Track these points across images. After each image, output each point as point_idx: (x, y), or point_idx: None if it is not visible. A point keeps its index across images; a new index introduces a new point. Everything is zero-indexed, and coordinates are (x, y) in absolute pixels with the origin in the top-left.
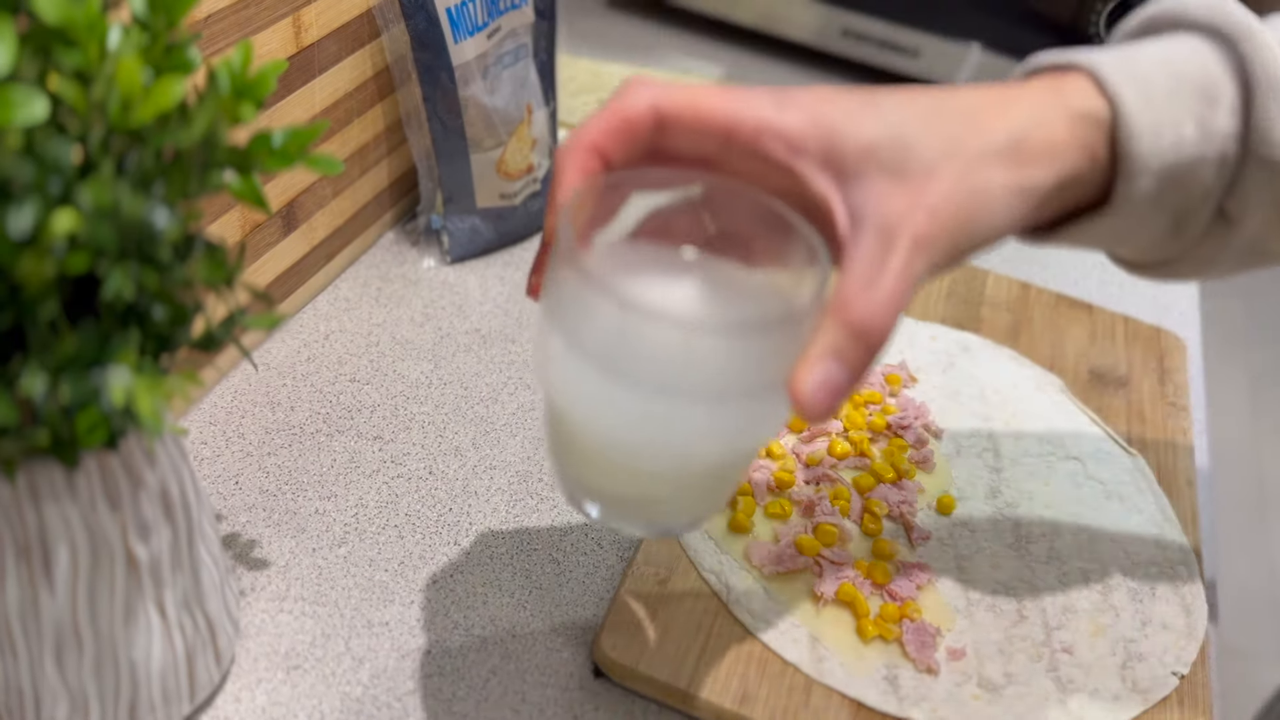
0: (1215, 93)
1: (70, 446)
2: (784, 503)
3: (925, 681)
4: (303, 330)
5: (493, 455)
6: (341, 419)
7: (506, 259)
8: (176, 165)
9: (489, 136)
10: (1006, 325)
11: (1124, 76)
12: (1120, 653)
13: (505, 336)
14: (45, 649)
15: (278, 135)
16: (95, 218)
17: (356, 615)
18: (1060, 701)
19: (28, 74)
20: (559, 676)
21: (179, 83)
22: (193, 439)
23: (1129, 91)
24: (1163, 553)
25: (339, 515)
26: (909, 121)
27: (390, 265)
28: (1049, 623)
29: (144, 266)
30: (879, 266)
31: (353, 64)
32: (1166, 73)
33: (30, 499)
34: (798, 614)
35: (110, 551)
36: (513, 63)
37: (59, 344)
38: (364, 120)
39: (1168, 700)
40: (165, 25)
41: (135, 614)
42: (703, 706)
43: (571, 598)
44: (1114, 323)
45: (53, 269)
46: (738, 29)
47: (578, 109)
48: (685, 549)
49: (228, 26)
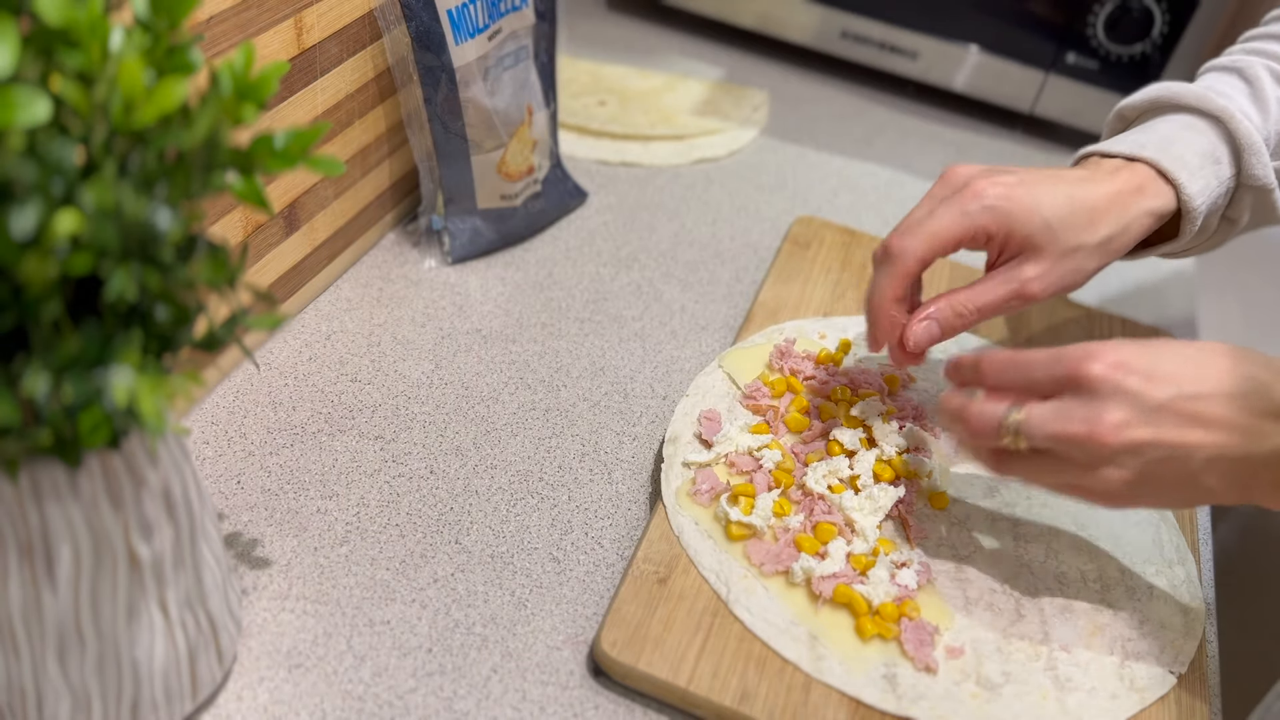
0: (1219, 155)
1: (73, 446)
2: (784, 502)
3: (924, 680)
4: (304, 330)
5: (493, 455)
6: (343, 419)
7: (507, 259)
8: (179, 166)
9: (490, 138)
10: (1005, 326)
11: (1178, 166)
12: (1118, 652)
13: (506, 337)
14: (48, 648)
15: (280, 136)
16: (98, 218)
17: (358, 614)
18: (1058, 700)
19: (30, 75)
20: (559, 676)
21: (181, 84)
22: (195, 438)
23: (1184, 176)
24: (1160, 552)
25: (340, 514)
26: (1056, 216)
27: (391, 266)
28: (1047, 621)
29: (146, 267)
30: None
31: (354, 65)
32: (1194, 152)
33: (33, 498)
34: (797, 612)
35: (113, 551)
36: (513, 64)
37: (62, 344)
38: (365, 121)
39: (1165, 699)
40: (167, 27)
41: (138, 613)
42: (702, 704)
43: (571, 597)
44: (1112, 323)
45: (55, 269)
46: (737, 30)
47: (578, 110)
48: (685, 548)
49: (229, 28)
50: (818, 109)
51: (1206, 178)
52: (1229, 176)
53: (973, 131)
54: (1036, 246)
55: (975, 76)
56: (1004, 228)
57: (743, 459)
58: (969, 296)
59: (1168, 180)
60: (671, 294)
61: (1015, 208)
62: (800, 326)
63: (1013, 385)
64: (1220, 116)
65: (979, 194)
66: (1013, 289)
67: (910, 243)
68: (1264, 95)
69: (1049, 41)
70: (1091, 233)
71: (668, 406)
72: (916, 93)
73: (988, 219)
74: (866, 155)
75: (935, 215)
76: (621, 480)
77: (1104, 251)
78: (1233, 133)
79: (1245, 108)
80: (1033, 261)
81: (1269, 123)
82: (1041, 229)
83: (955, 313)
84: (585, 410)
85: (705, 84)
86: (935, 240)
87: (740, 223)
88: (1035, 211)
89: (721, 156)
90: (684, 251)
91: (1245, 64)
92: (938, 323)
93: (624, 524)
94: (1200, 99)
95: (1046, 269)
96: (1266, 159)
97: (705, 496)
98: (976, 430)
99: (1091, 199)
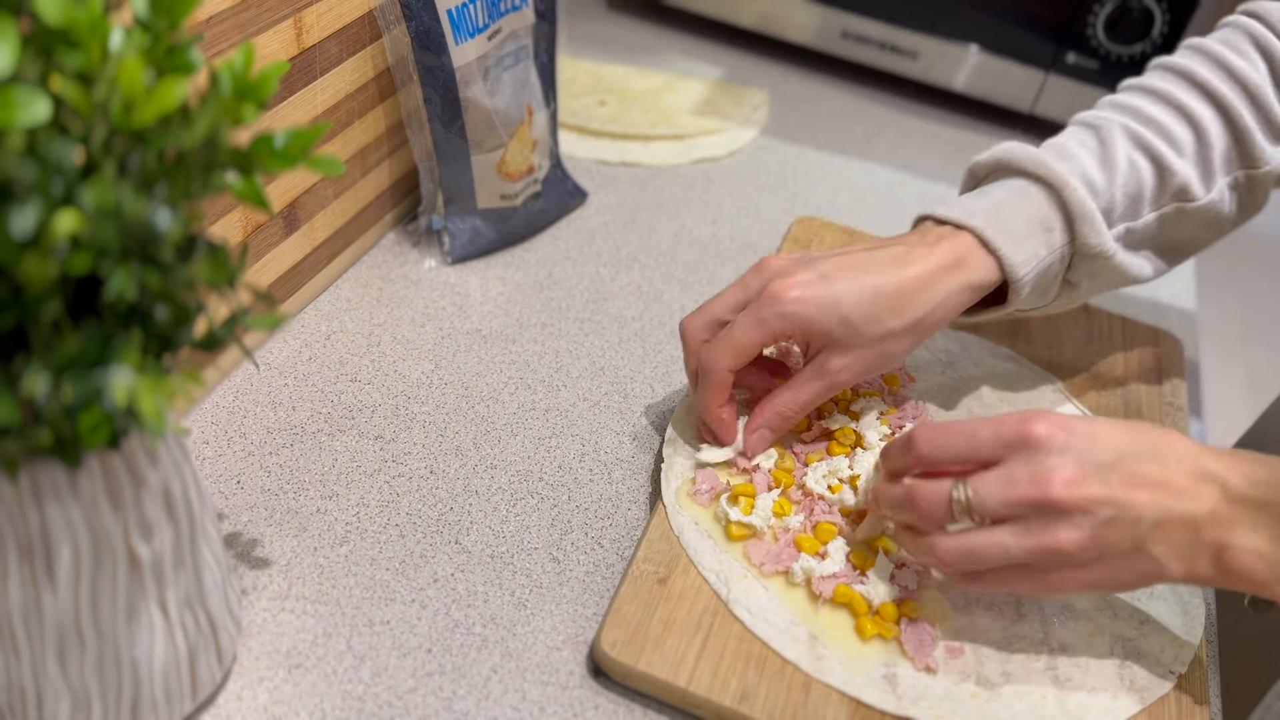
0: (1050, 223)
1: (73, 446)
2: (784, 502)
3: (924, 680)
4: (304, 330)
5: (493, 455)
6: (343, 418)
7: (507, 259)
8: (179, 166)
9: (490, 137)
10: (1004, 325)
11: (1002, 237)
12: (1118, 652)
13: (506, 337)
14: (48, 648)
15: (279, 136)
16: (97, 218)
17: (358, 614)
18: (1058, 700)
19: (30, 75)
20: (559, 676)
21: (181, 84)
22: (195, 438)
23: (1008, 248)
24: None
25: (340, 514)
26: (856, 310)
27: (391, 266)
28: (1047, 621)
29: (146, 267)
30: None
31: (354, 65)
32: (1022, 219)
33: (33, 499)
34: (797, 612)
35: (112, 551)
36: (513, 64)
37: (61, 344)
38: (365, 121)
39: (1165, 699)
40: (167, 27)
41: (137, 613)
42: (702, 704)
43: (571, 597)
44: (1111, 323)
45: (55, 269)
46: (737, 30)
47: (578, 110)
48: (685, 548)
49: (229, 28)
50: (818, 109)
51: (1035, 246)
52: (1062, 244)
53: (973, 131)
54: (836, 341)
55: (975, 76)
56: (801, 329)
57: (742, 458)
58: (790, 398)
59: (989, 250)
60: (671, 294)
61: (810, 310)
62: None
63: (953, 457)
64: (1054, 184)
65: (774, 299)
66: (824, 382)
67: (720, 359)
68: (1113, 157)
69: (1049, 41)
70: (897, 318)
71: (668, 406)
72: (916, 93)
73: (782, 325)
74: (866, 155)
75: (737, 325)
76: (621, 480)
77: (915, 330)
78: (1065, 202)
79: (1089, 171)
80: (838, 354)
81: (1114, 185)
82: (839, 325)
83: (781, 416)
84: (585, 410)
85: (705, 84)
86: (738, 351)
87: (740, 223)
88: (834, 309)
89: (721, 156)
90: (684, 251)
91: (1103, 122)
92: (769, 428)
93: (624, 524)
94: (1037, 164)
95: (852, 360)
96: (1101, 226)
97: (705, 496)
98: (927, 512)
99: (897, 285)
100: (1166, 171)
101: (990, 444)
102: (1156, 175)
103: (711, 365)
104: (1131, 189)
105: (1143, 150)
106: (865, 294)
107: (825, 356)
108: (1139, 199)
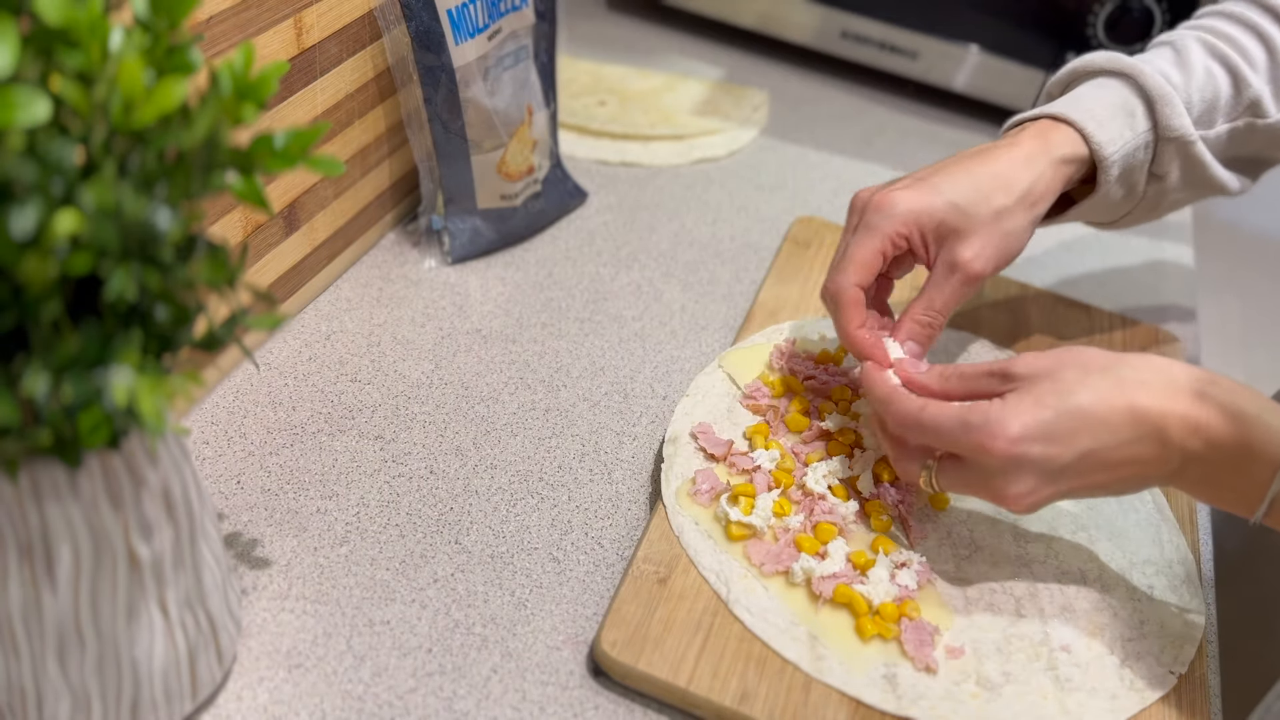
0: (1131, 108)
1: (72, 446)
2: (784, 502)
3: (924, 680)
4: (304, 330)
5: (493, 455)
6: (343, 419)
7: (507, 259)
8: (179, 166)
9: (490, 138)
10: (1005, 326)
11: (1086, 117)
12: (1118, 651)
13: (506, 337)
14: (48, 648)
15: (279, 136)
16: (97, 218)
17: (358, 614)
18: (1058, 700)
19: (30, 75)
20: (559, 676)
21: (181, 84)
22: (195, 438)
23: (1091, 125)
24: (1160, 552)
25: (340, 514)
26: (961, 196)
27: (391, 266)
28: (1047, 621)
29: (146, 267)
30: (937, 289)
31: (354, 65)
32: (1102, 105)
33: (33, 499)
34: (797, 612)
35: (112, 551)
36: (513, 64)
37: (61, 344)
38: (365, 121)
39: (1166, 699)
40: (167, 27)
41: (137, 613)
42: (702, 705)
43: (571, 597)
44: (1111, 322)
45: (55, 269)
46: (737, 30)
47: (578, 110)
48: (685, 548)
49: (229, 28)
50: (818, 109)
51: (1119, 127)
52: (1145, 129)
53: (973, 131)
54: (956, 229)
55: (975, 76)
56: (916, 227)
57: (742, 458)
58: (925, 303)
59: (1074, 129)
60: (671, 294)
61: (918, 205)
62: (800, 326)
63: (919, 446)
64: (1129, 73)
65: (880, 207)
66: (957, 277)
67: (842, 279)
68: (1189, 61)
69: (1049, 41)
70: (1007, 194)
71: (668, 406)
72: (916, 93)
73: (897, 226)
74: (866, 155)
75: (853, 244)
76: (621, 480)
77: (1027, 203)
78: (1143, 86)
79: (1164, 68)
80: (962, 243)
81: (1191, 86)
82: (952, 212)
83: (922, 325)
84: (585, 410)
85: (705, 84)
86: (862, 266)
87: (740, 223)
88: (940, 197)
89: (721, 156)
90: (684, 251)
91: (1178, 37)
92: (915, 341)
93: (624, 524)
94: (1111, 60)
95: (979, 245)
96: (1181, 109)
97: (705, 496)
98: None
99: (993, 168)
100: (1242, 82)
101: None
102: (1233, 85)
103: (838, 288)
104: (1208, 95)
105: (1219, 60)
106: (964, 180)
107: (950, 249)
108: (1214, 106)
